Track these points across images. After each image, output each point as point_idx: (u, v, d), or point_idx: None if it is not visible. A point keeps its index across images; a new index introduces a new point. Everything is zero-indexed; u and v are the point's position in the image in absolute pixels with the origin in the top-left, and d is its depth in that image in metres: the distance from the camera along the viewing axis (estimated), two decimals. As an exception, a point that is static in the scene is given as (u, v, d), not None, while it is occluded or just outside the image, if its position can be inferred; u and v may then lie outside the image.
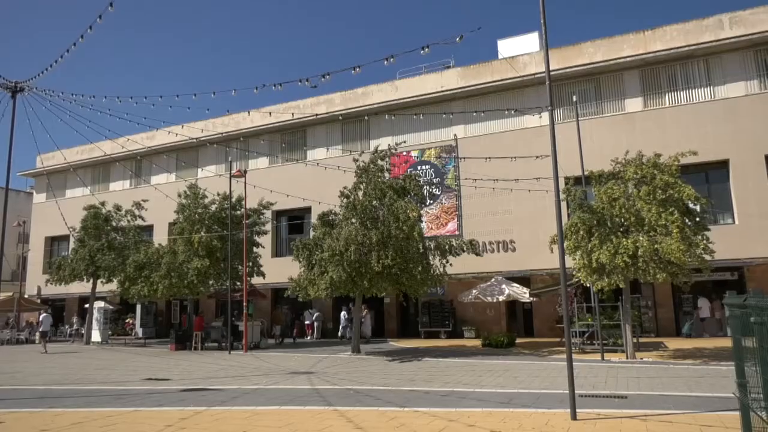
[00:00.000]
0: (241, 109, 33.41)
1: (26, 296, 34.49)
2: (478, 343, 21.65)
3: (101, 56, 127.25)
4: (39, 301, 35.59)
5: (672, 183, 14.69)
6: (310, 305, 27.74)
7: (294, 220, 30.50)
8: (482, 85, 26.14)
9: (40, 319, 24.87)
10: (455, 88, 26.74)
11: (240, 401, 10.03)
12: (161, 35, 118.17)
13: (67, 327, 33.07)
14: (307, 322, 27.99)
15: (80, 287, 29.85)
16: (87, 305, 29.67)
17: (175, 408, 9.44)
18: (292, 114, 26.18)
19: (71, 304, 36.56)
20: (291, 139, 30.71)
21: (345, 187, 19.94)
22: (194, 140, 27.50)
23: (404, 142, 23.28)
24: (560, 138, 9.47)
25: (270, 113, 26.02)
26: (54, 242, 38.82)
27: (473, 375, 12.94)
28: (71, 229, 28.21)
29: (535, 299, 22.34)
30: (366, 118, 26.80)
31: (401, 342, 24.27)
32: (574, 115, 19.43)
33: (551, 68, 9.70)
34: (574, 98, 20.62)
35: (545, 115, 20.13)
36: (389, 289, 19.34)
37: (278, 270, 25.41)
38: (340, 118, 26.59)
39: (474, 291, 21.74)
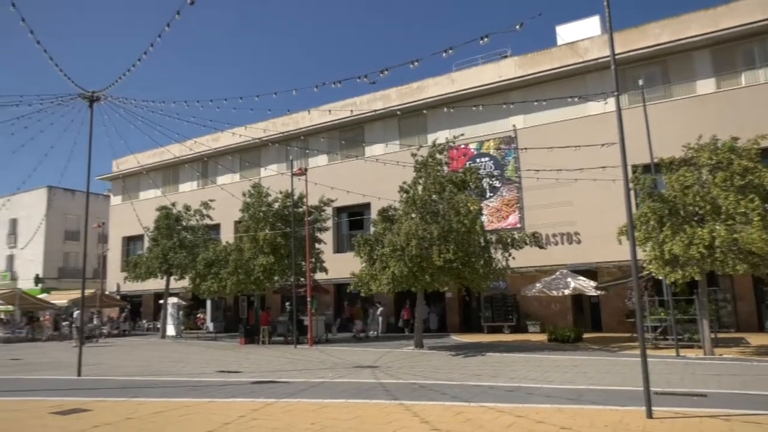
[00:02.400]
0: (300, 108, 34.13)
1: (107, 293, 36.74)
2: (543, 337, 21.21)
3: (166, 64, 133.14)
4: (119, 297, 37.81)
5: (751, 168, 13.83)
6: (373, 300, 28.00)
7: (354, 216, 30.87)
8: (541, 74, 25.46)
9: (74, 315, 26.12)
10: (513, 78, 26.18)
11: (307, 394, 10.29)
12: (225, 39, 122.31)
13: (104, 322, 33.67)
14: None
15: (155, 284, 31.49)
16: (161, 301, 31.26)
17: (247, 399, 9.82)
18: (351, 111, 26.40)
19: (147, 300, 38.65)
20: (349, 136, 31.05)
21: (404, 182, 19.98)
22: (257, 140, 28.29)
23: (462, 134, 23.03)
24: (627, 124, 9.08)
25: (329, 111, 26.36)
26: (130, 242, 41.08)
27: (540, 370, 12.70)
28: (146, 229, 29.78)
29: (602, 293, 21.61)
30: (424, 112, 26.66)
31: (464, 337, 24.13)
32: (641, 100, 18.60)
33: (615, 52, 9.33)
34: (641, 82, 19.71)
35: (610, 102, 19.35)
36: (451, 283, 19.24)
37: (340, 266, 25.78)
38: (397, 113, 26.59)
39: (538, 285, 21.28)
